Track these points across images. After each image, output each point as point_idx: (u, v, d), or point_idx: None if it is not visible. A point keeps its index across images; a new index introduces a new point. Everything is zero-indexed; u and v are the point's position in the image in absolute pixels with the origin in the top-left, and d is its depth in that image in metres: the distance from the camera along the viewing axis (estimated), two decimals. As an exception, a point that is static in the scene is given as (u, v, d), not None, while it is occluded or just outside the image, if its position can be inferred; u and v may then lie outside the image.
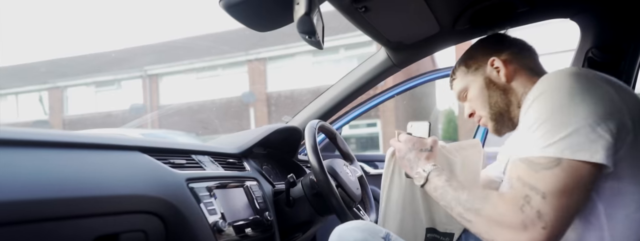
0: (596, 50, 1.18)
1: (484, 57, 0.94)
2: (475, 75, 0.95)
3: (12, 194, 0.52)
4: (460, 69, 0.98)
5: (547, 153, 0.66)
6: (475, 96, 0.95)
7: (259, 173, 1.15)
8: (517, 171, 0.70)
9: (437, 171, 0.86)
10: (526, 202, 0.67)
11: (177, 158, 0.89)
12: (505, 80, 0.91)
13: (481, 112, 0.95)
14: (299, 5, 0.85)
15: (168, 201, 0.76)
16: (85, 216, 0.61)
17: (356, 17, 1.11)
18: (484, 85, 0.93)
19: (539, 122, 0.69)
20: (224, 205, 0.91)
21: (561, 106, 0.68)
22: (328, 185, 1.03)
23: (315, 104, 1.52)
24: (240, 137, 1.23)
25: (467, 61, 0.97)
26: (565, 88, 0.69)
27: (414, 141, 0.95)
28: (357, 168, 1.32)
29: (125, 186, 0.70)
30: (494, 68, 0.92)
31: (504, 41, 0.98)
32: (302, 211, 1.15)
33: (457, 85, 0.99)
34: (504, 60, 0.92)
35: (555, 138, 0.66)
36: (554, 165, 0.65)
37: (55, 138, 0.64)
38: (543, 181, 0.66)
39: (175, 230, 0.76)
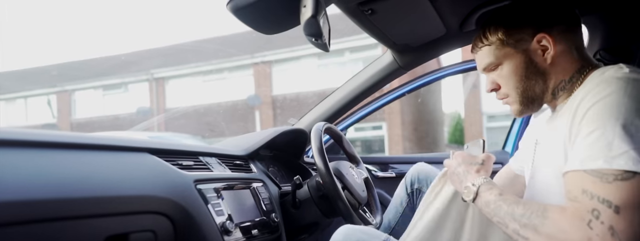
0: (604, 52, 1.18)
1: (531, 28, 0.79)
2: (516, 49, 0.80)
3: (27, 194, 0.53)
4: (497, 36, 0.81)
5: (618, 165, 0.60)
6: (508, 74, 0.81)
7: (265, 175, 1.16)
8: (582, 183, 0.62)
9: (488, 184, 0.77)
10: (594, 217, 0.60)
11: (185, 159, 0.90)
12: (549, 62, 0.79)
13: (510, 91, 0.83)
14: (306, 8, 0.85)
15: (176, 202, 0.76)
16: (96, 216, 0.62)
17: (362, 19, 1.12)
18: (523, 64, 0.80)
19: (599, 129, 0.62)
20: (231, 206, 0.92)
21: (629, 111, 0.62)
22: (334, 187, 1.04)
23: (321, 106, 1.53)
24: (246, 139, 1.24)
25: (509, 29, 0.80)
26: (629, 90, 0.64)
27: (464, 155, 0.87)
28: (363, 171, 1.32)
29: (135, 187, 0.71)
30: (540, 46, 0.79)
31: (556, 10, 0.81)
32: (308, 213, 1.15)
33: (488, 56, 0.83)
34: (553, 37, 0.78)
35: (624, 147, 0.60)
36: (630, 176, 0.59)
37: (66, 140, 0.65)
38: (617, 193, 0.59)
39: (183, 231, 0.77)
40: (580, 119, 0.66)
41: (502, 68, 0.82)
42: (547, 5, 0.80)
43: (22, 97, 13.70)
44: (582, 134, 0.65)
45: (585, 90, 0.71)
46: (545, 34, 0.78)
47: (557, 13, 0.80)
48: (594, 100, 0.66)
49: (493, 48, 0.82)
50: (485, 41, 0.83)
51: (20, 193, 0.52)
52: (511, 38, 0.80)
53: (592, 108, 0.65)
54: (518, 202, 0.70)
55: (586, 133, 0.64)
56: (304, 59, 10.82)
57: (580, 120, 0.66)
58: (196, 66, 12.11)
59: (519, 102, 0.83)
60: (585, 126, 0.65)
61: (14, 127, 0.59)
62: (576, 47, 0.80)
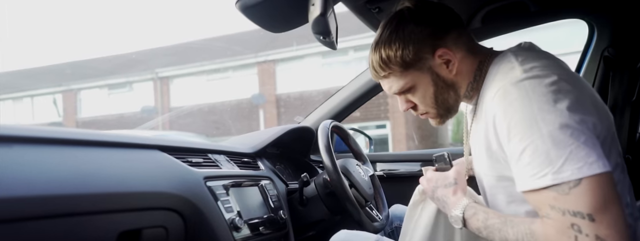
0: (612, 50, 1.18)
1: (428, 46, 0.77)
2: (420, 70, 0.79)
3: (43, 189, 0.54)
4: (397, 62, 0.78)
5: (566, 177, 0.60)
6: (421, 94, 0.81)
7: (272, 172, 1.17)
8: (545, 200, 0.62)
9: (472, 210, 0.75)
10: (577, 232, 0.59)
11: (194, 157, 0.91)
12: (454, 73, 0.78)
13: (427, 108, 0.83)
14: (315, 6, 0.86)
15: (187, 199, 0.77)
16: (109, 211, 0.63)
17: (369, 17, 1.12)
18: (432, 82, 0.79)
19: (531, 145, 0.62)
20: (239, 203, 0.93)
21: (546, 116, 0.62)
22: (341, 185, 1.04)
23: (327, 105, 1.53)
24: (254, 137, 1.24)
25: (408, 52, 0.77)
26: (536, 97, 0.63)
27: (436, 178, 0.85)
28: (369, 168, 1.32)
29: (147, 184, 0.72)
30: (443, 60, 0.78)
31: (444, 20, 0.79)
32: (315, 210, 1.16)
33: (395, 82, 0.81)
34: (451, 48, 0.77)
35: (559, 161, 0.60)
36: (580, 182, 0.59)
37: (80, 137, 0.66)
38: (581, 201, 0.59)
39: (194, 227, 0.78)
40: (507, 137, 0.66)
41: (413, 90, 0.81)
42: (434, 16, 0.78)
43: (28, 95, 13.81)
44: (516, 153, 0.65)
45: (490, 99, 0.70)
46: (443, 48, 0.77)
47: (445, 22, 0.78)
48: (508, 116, 0.65)
49: (397, 73, 0.80)
50: (385, 68, 0.80)
51: (37, 189, 0.53)
52: (412, 60, 0.78)
53: (511, 124, 0.65)
54: (506, 224, 0.69)
55: (520, 152, 0.64)
56: (308, 57, 10.82)
57: (506, 138, 0.66)
58: (200, 65, 12.14)
59: (439, 115, 0.84)
60: (514, 143, 0.64)
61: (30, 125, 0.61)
62: (470, 47, 0.79)
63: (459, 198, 0.79)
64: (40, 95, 13.83)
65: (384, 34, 0.80)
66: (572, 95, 0.64)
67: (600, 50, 1.22)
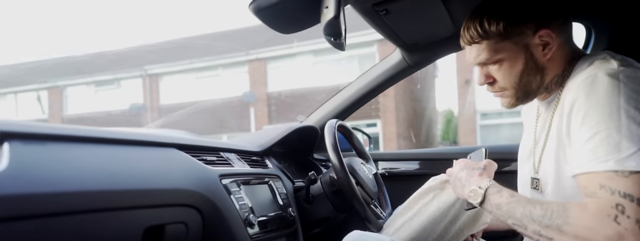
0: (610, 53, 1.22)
1: (533, 23, 0.76)
2: (516, 44, 0.77)
3: (79, 185, 0.55)
4: (497, 30, 0.76)
5: (629, 166, 0.61)
6: (507, 69, 0.78)
7: (280, 170, 1.19)
8: (597, 179, 0.63)
9: (496, 187, 0.74)
10: (620, 212, 0.60)
11: (208, 155, 0.93)
12: (547, 58, 0.77)
13: (507, 85, 0.80)
14: (328, 9, 0.88)
15: (205, 196, 0.79)
16: (137, 207, 0.64)
17: (376, 19, 1.15)
18: (523, 60, 0.77)
19: (604, 131, 0.63)
20: (251, 200, 0.95)
21: (629, 110, 0.63)
22: (349, 183, 1.07)
23: (330, 104, 1.55)
24: (260, 136, 1.26)
25: (511, 24, 0.76)
26: (627, 91, 0.65)
27: (466, 161, 0.85)
28: (372, 166, 1.35)
29: (169, 181, 0.73)
30: (542, 41, 0.76)
31: (555, 4, 0.78)
32: (321, 208, 1.18)
33: (485, 50, 0.79)
34: (555, 32, 0.76)
35: (632, 148, 0.62)
36: (638, 172, 0.61)
37: (107, 135, 0.68)
38: (636, 186, 0.60)
39: (211, 223, 0.80)
40: (581, 121, 0.67)
41: (501, 63, 0.78)
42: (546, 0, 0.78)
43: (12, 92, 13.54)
44: (584, 137, 0.66)
45: (576, 86, 0.71)
46: (547, 29, 0.75)
47: (556, 7, 0.78)
48: (590, 102, 0.66)
49: (492, 42, 0.78)
50: (482, 34, 0.78)
51: (74, 185, 0.55)
52: (512, 33, 0.76)
53: (591, 110, 0.66)
54: (533, 203, 0.68)
55: (589, 136, 0.65)
56: (299, 56, 10.82)
57: (580, 122, 0.67)
58: (190, 62, 12.05)
59: (515, 97, 0.81)
60: (587, 128, 0.65)
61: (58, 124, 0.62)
62: (569, 39, 0.80)
63: (482, 178, 0.77)
64: (25, 92, 13.57)
65: (494, 2, 0.78)
66: None
67: (597, 53, 1.27)
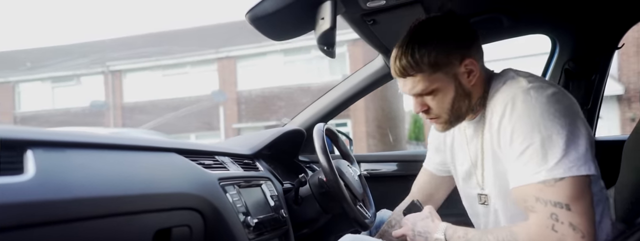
0: (572, 63, 1.34)
1: (458, 54, 0.83)
2: (447, 75, 0.83)
3: (94, 191, 0.57)
4: (428, 62, 0.82)
5: (558, 174, 0.71)
6: (440, 98, 0.85)
7: (270, 173, 1.22)
8: (532, 193, 0.73)
9: (451, 230, 0.84)
10: (555, 221, 0.70)
11: (205, 159, 0.95)
12: (472, 83, 0.85)
13: (441, 112, 0.87)
14: (324, 20, 0.93)
15: (206, 199, 0.82)
16: (147, 211, 0.66)
17: (363, 28, 1.21)
18: (453, 90, 0.84)
19: (531, 146, 0.73)
20: (247, 202, 0.98)
21: (547, 122, 0.72)
22: (338, 185, 1.11)
23: (314, 107, 1.60)
24: (249, 140, 1.29)
25: (438, 59, 0.82)
26: (539, 106, 0.74)
27: (414, 217, 0.93)
28: (357, 168, 1.41)
29: (174, 185, 0.75)
30: (467, 69, 0.84)
31: (468, 30, 0.86)
32: (309, 209, 1.22)
33: (420, 82, 0.84)
34: (475, 60, 0.84)
35: (555, 158, 0.71)
36: (562, 179, 0.71)
37: (112, 141, 0.69)
38: (562, 193, 0.70)
39: (213, 225, 0.82)
40: (509, 139, 0.76)
41: (435, 92, 0.85)
42: (461, 27, 0.85)
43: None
44: (516, 153, 0.75)
45: (499, 105, 0.80)
46: (470, 58, 0.83)
47: (470, 35, 0.85)
48: (513, 120, 0.76)
49: (425, 75, 0.83)
50: (416, 67, 0.83)
51: (93, 191, 0.56)
52: (442, 64, 0.82)
53: (515, 127, 0.75)
54: (485, 234, 0.78)
55: (520, 152, 0.74)
56: (270, 55, 10.78)
57: (509, 140, 0.76)
58: (157, 59, 11.73)
59: (448, 122, 0.89)
60: (516, 145, 0.75)
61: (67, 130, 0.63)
62: (483, 62, 0.88)
63: (437, 224, 0.88)
64: (-29, 88, 12.76)
65: (418, 35, 0.84)
66: (569, 106, 0.76)
67: (562, 63, 1.38)
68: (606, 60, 1.31)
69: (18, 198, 0.46)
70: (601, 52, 1.31)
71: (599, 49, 1.32)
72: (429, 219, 0.90)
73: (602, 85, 1.35)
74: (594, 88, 1.34)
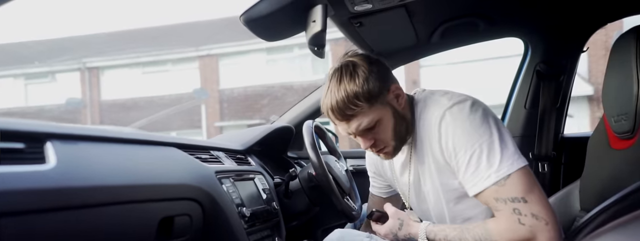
0: (543, 65, 1.44)
1: (385, 82, 0.89)
2: (382, 104, 0.89)
3: (109, 180, 0.62)
4: (363, 99, 0.87)
5: (503, 173, 0.79)
6: (384, 127, 0.90)
7: (261, 167, 1.28)
8: (490, 196, 0.81)
9: (431, 232, 0.90)
10: (519, 214, 0.78)
11: (201, 153, 1.00)
12: (402, 106, 0.91)
13: (388, 141, 0.92)
14: (315, 23, 0.99)
15: (205, 190, 0.87)
16: (153, 200, 0.71)
17: (350, 30, 1.27)
18: (392, 115, 0.90)
19: (473, 156, 0.80)
20: (242, 195, 1.03)
21: (478, 131, 0.81)
22: (327, 179, 1.18)
23: (301, 105, 1.66)
24: (241, 136, 1.34)
25: (371, 90, 0.86)
26: (465, 119, 0.82)
27: (388, 228, 0.97)
28: (344, 164, 1.47)
29: (176, 177, 0.80)
30: (395, 95, 0.90)
31: (385, 65, 0.93)
32: (299, 202, 1.28)
33: (364, 120, 0.88)
34: (398, 85, 0.92)
35: (497, 160, 0.79)
36: (508, 177, 0.79)
37: (120, 135, 0.73)
38: (514, 188, 0.78)
39: (211, 215, 0.87)
40: (453, 153, 0.84)
41: (379, 124, 0.89)
42: (377, 61, 0.91)
43: None
44: (463, 163, 0.82)
45: (431, 125, 0.87)
46: (394, 83, 0.91)
47: (385, 65, 0.92)
48: (450, 136, 0.84)
49: (365, 109, 0.87)
50: (354, 106, 0.87)
51: (106, 180, 0.61)
52: (377, 94, 0.87)
53: (454, 142, 0.83)
54: (462, 233, 0.85)
55: (466, 162, 0.82)
56: (252, 53, 10.76)
57: (453, 154, 0.84)
58: (136, 56, 11.54)
59: (395, 148, 0.93)
60: (461, 157, 0.82)
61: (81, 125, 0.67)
62: None
63: (416, 226, 0.93)
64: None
65: (344, 77, 0.88)
66: (488, 112, 0.85)
67: (534, 65, 1.48)
68: (573, 63, 1.42)
69: (43, 185, 0.50)
70: (568, 54, 1.42)
71: (566, 52, 1.42)
72: (405, 225, 0.95)
73: (570, 85, 1.46)
74: (563, 88, 1.45)
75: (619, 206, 0.84)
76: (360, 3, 1.08)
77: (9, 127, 0.52)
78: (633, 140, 1.01)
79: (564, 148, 1.51)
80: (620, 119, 1.04)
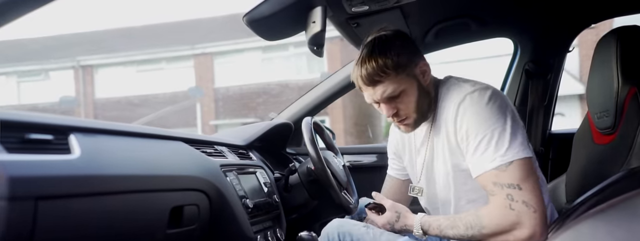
0: (532, 64, 1.51)
1: (413, 57, 0.96)
2: (408, 76, 0.95)
3: (127, 170, 0.67)
4: (392, 66, 0.93)
5: (508, 158, 0.84)
6: (408, 97, 0.95)
7: (262, 162, 1.33)
8: (489, 179, 0.86)
9: (426, 223, 0.95)
10: (511, 200, 0.83)
11: (206, 148, 1.05)
12: (427, 83, 0.97)
13: (410, 112, 0.97)
14: (315, 23, 1.04)
15: (212, 182, 0.92)
16: (165, 190, 0.76)
17: (348, 30, 1.32)
18: (416, 88, 0.95)
19: (484, 139, 0.86)
20: (245, 187, 1.08)
21: (494, 117, 0.86)
22: (326, 173, 1.22)
23: (299, 102, 1.71)
24: (242, 132, 1.39)
25: (400, 61, 0.93)
26: (484, 105, 0.87)
27: (386, 219, 1.02)
28: (341, 159, 1.53)
29: (184, 169, 0.85)
30: (421, 70, 0.97)
31: (413, 42, 1.00)
32: (298, 196, 1.33)
33: (390, 87, 0.94)
34: (426, 62, 0.98)
35: (504, 146, 0.84)
36: (511, 163, 0.84)
37: (136, 130, 0.78)
38: (513, 174, 0.83)
39: (217, 206, 0.92)
40: (465, 136, 0.89)
41: (402, 94, 0.94)
42: (409, 38, 0.99)
43: None
44: (472, 146, 0.88)
45: (450, 106, 0.92)
46: (423, 60, 0.98)
47: (415, 44, 1.00)
48: (466, 118, 0.89)
49: (392, 77, 0.93)
50: (382, 73, 0.93)
51: (124, 169, 0.66)
52: (404, 66, 0.94)
53: (469, 125, 0.88)
54: (454, 222, 0.90)
55: (476, 144, 0.87)
56: (247, 51, 10.77)
57: (465, 136, 0.89)
58: (131, 55, 11.51)
59: (415, 121, 0.98)
60: (472, 139, 0.88)
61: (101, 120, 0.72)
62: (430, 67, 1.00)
63: (412, 218, 0.98)
64: None
65: (377, 47, 0.96)
66: (507, 103, 0.90)
67: (523, 64, 1.55)
68: (559, 62, 1.49)
69: (71, 172, 0.55)
70: (555, 54, 1.48)
71: (553, 52, 1.49)
72: (402, 218, 1.00)
73: (557, 83, 1.52)
74: (550, 86, 1.51)
75: (599, 196, 0.90)
76: (358, 5, 1.13)
77: (38, 120, 0.57)
78: (614, 135, 1.08)
79: (551, 144, 1.58)
80: (603, 116, 1.11)
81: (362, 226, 1.09)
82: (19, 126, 0.54)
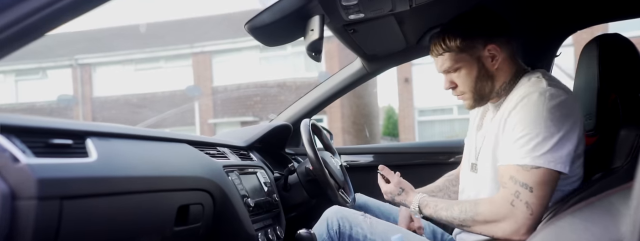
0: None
1: (482, 39, 0.96)
2: (471, 56, 0.96)
3: (139, 171, 0.72)
4: (455, 45, 0.96)
5: (538, 163, 0.84)
6: (464, 76, 0.97)
7: (263, 162, 1.38)
8: (509, 171, 0.86)
9: (423, 202, 1.00)
10: (515, 197, 0.84)
11: (209, 149, 1.10)
12: (495, 67, 0.97)
13: (465, 90, 1.00)
14: (313, 31, 1.09)
15: (215, 182, 0.97)
16: (172, 190, 0.81)
17: (345, 36, 1.38)
18: (476, 69, 0.96)
19: (528, 135, 0.85)
20: (246, 187, 1.14)
21: (548, 121, 0.85)
22: (324, 173, 1.28)
23: (299, 104, 1.76)
24: (242, 133, 1.44)
25: (465, 39, 0.95)
26: (548, 108, 0.85)
27: (390, 189, 1.08)
28: (338, 159, 1.58)
29: (189, 170, 0.91)
30: (490, 54, 0.96)
31: (500, 23, 0.99)
32: (297, 195, 1.39)
33: (447, 61, 0.98)
34: (499, 47, 0.96)
35: (542, 151, 0.84)
36: (538, 167, 0.84)
37: (145, 133, 0.83)
38: (533, 178, 0.84)
39: (220, 205, 0.98)
40: (513, 126, 0.89)
41: (459, 71, 0.98)
42: (492, 20, 1.00)
43: None
44: (514, 137, 0.87)
45: (516, 97, 0.92)
46: (493, 44, 0.96)
47: (500, 27, 1.00)
48: (522, 111, 0.89)
49: (452, 54, 0.98)
50: (444, 48, 0.98)
51: (137, 171, 0.71)
52: (466, 47, 0.96)
53: (522, 118, 0.88)
54: (452, 205, 0.93)
55: (518, 137, 0.87)
56: (245, 51, 10.81)
57: (512, 127, 0.89)
58: (129, 53, 11.53)
59: (473, 99, 1.01)
60: (517, 131, 0.87)
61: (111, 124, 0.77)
62: (512, 55, 1.01)
63: (412, 196, 1.04)
64: None
65: (451, 25, 1.01)
66: (574, 113, 0.89)
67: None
68: (548, 65, 1.54)
69: (91, 174, 0.60)
70: (544, 58, 1.54)
71: (542, 56, 1.54)
72: (404, 194, 1.06)
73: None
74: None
75: (579, 196, 0.96)
76: (354, 12, 1.18)
77: (59, 125, 0.62)
78: (596, 138, 1.14)
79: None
80: (586, 118, 1.16)
81: (360, 215, 1.13)
82: (43, 132, 0.59)
